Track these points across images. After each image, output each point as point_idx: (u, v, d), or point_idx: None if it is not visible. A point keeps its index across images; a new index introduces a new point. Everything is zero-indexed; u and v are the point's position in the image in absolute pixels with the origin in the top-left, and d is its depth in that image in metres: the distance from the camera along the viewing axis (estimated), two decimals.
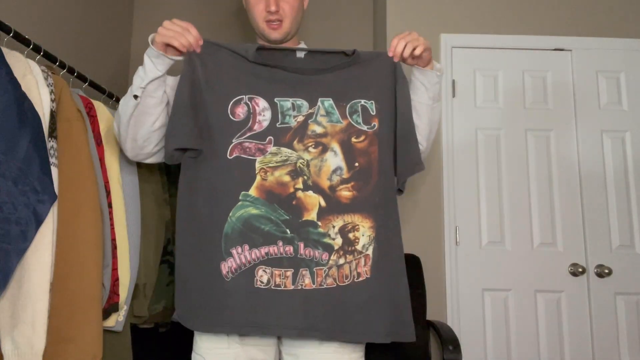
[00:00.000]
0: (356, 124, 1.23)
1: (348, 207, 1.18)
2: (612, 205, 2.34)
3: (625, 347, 2.22)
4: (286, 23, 1.37)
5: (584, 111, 2.42)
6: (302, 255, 1.15)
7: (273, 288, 1.13)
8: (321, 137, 1.21)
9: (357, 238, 1.17)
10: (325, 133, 1.22)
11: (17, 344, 1.13)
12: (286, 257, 1.15)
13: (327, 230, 1.17)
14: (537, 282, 2.29)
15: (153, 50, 1.19)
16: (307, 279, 1.14)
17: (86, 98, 1.53)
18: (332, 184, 1.19)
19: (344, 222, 1.18)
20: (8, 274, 1.08)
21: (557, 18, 2.51)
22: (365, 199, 1.20)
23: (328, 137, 1.22)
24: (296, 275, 1.14)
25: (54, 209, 1.19)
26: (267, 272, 1.14)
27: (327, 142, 1.21)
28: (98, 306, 1.29)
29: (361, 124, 1.23)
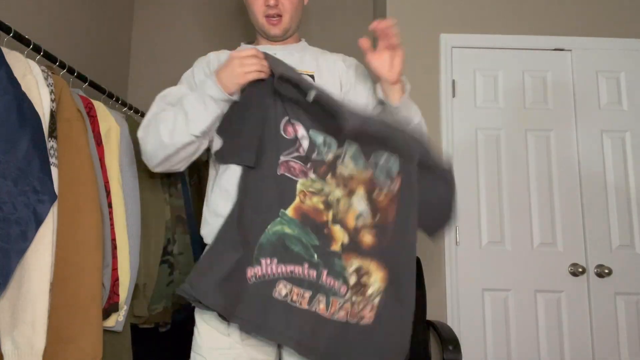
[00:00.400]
0: (377, 178, 1.22)
1: (366, 252, 1.19)
2: (612, 205, 2.34)
3: (625, 347, 2.22)
4: (286, 18, 1.36)
5: (584, 111, 2.42)
6: (323, 282, 1.16)
7: (289, 302, 1.15)
8: (349, 180, 1.21)
9: (367, 284, 1.18)
10: (352, 176, 1.21)
11: (17, 344, 1.13)
12: (308, 280, 1.16)
13: (347, 267, 1.18)
14: (537, 282, 2.29)
15: (223, 94, 1.16)
16: (322, 304, 1.15)
17: (86, 98, 1.53)
18: (357, 225, 1.20)
19: (360, 264, 1.19)
20: (8, 274, 1.08)
21: (557, 18, 2.51)
22: (382, 250, 1.20)
23: (354, 181, 1.21)
24: (313, 298, 1.15)
25: (54, 209, 1.19)
26: (287, 287, 1.15)
27: (354, 186, 1.21)
28: (98, 306, 1.29)
29: (382, 179, 1.22)
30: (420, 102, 1.31)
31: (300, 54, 1.40)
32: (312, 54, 1.42)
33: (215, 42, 2.89)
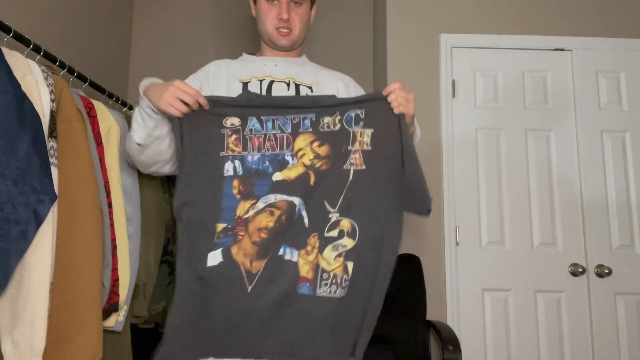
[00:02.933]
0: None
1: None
2: (612, 205, 2.34)
3: (625, 347, 2.22)
4: (295, 32, 1.44)
5: (584, 111, 2.42)
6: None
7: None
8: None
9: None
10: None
11: (17, 344, 1.13)
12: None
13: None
14: (537, 282, 2.29)
15: (146, 104, 1.23)
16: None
17: (86, 98, 1.53)
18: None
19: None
20: (8, 274, 1.08)
21: (557, 18, 2.51)
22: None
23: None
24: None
25: (54, 209, 1.19)
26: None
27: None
28: (98, 306, 1.29)
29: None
30: (420, 102, 1.31)
31: (301, 67, 1.46)
32: (311, 68, 1.49)
33: (216, 42, 2.89)
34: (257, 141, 1.24)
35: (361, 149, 1.24)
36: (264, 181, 1.22)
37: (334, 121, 1.26)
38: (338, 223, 1.21)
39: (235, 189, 1.21)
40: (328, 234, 1.20)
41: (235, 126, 1.26)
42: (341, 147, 1.24)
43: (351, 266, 1.19)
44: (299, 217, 1.20)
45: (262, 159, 1.23)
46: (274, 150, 1.24)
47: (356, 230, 1.21)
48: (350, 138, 1.25)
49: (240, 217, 1.19)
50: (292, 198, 1.21)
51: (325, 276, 1.18)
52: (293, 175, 1.23)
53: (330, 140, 1.25)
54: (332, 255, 1.20)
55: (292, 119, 1.26)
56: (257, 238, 1.18)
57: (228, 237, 1.18)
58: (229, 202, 1.20)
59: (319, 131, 1.25)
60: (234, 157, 1.23)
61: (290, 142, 1.25)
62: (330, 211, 1.21)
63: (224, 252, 1.18)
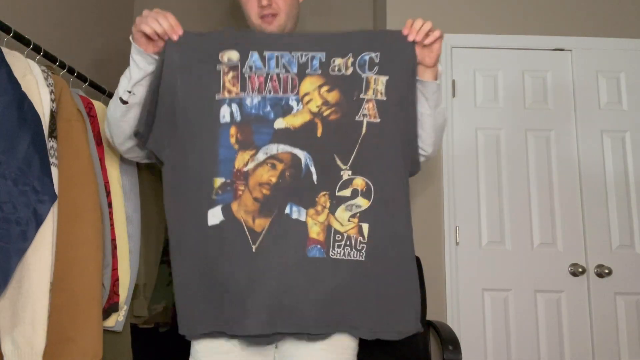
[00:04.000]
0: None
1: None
2: (612, 205, 2.34)
3: (625, 347, 2.22)
4: (281, 16, 1.32)
5: (584, 111, 2.42)
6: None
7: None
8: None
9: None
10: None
11: (17, 344, 1.13)
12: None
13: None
14: (537, 282, 2.29)
15: (134, 47, 1.16)
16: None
17: (86, 98, 1.53)
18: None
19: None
20: (8, 273, 1.08)
21: (557, 18, 2.50)
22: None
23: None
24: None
25: (54, 209, 1.19)
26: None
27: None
28: (98, 306, 1.29)
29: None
30: None
31: None
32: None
33: None
34: (257, 81, 1.11)
35: (375, 98, 1.13)
36: (264, 128, 1.09)
37: (346, 64, 1.13)
38: (351, 181, 1.11)
39: (232, 137, 1.09)
40: (340, 193, 1.10)
41: (233, 62, 1.13)
42: (353, 95, 1.13)
43: (366, 228, 1.09)
44: (306, 173, 1.09)
45: (262, 103, 1.11)
46: (277, 92, 1.11)
47: (371, 189, 1.11)
48: (364, 84, 1.13)
49: (239, 170, 1.08)
50: (296, 150, 1.09)
51: (339, 237, 1.08)
52: (298, 123, 1.10)
53: (341, 86, 1.13)
54: (346, 216, 1.09)
55: (299, 57, 1.13)
56: (258, 194, 1.08)
57: (227, 192, 1.07)
58: (227, 153, 1.09)
59: (329, 74, 1.13)
60: (231, 100, 1.10)
61: (295, 85, 1.12)
62: (341, 168, 1.11)
63: (224, 209, 1.07)
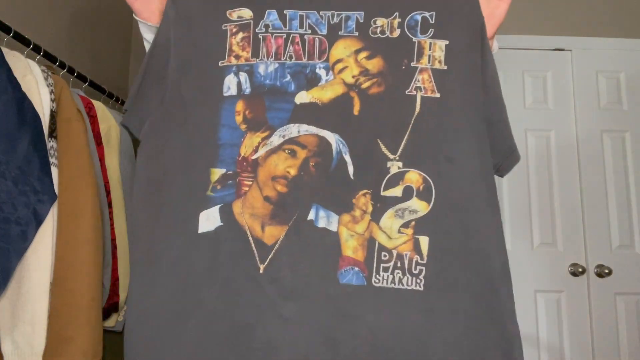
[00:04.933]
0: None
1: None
2: (612, 205, 2.34)
3: (625, 347, 2.22)
4: None
5: (584, 111, 2.42)
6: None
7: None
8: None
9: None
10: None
11: (17, 344, 1.13)
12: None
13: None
14: (537, 282, 2.29)
15: (141, 25, 1.01)
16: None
17: (86, 98, 1.53)
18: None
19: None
20: (8, 274, 1.08)
21: (557, 18, 2.51)
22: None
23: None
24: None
25: (54, 209, 1.19)
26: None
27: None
28: (98, 306, 1.29)
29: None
30: None
31: None
32: None
33: None
34: (274, 43, 0.86)
35: (431, 67, 0.86)
36: (282, 104, 0.84)
37: (391, 25, 0.88)
38: (402, 176, 0.81)
39: (239, 115, 0.84)
40: (387, 193, 0.81)
41: (244, 19, 0.88)
42: (401, 62, 0.87)
43: (426, 243, 0.79)
44: (339, 163, 0.82)
45: (280, 71, 0.85)
46: (300, 58, 0.86)
47: (431, 187, 0.81)
48: (415, 50, 0.87)
49: (245, 158, 0.81)
50: (325, 133, 0.82)
51: (386, 256, 0.78)
52: (327, 97, 0.84)
53: (385, 51, 0.87)
54: (395, 225, 0.80)
55: (330, 16, 0.88)
56: (271, 191, 0.80)
57: (228, 188, 0.80)
58: (230, 135, 0.83)
59: (369, 36, 0.87)
60: (239, 68, 0.86)
61: (325, 48, 0.86)
62: (388, 157, 0.82)
63: (222, 210, 0.80)
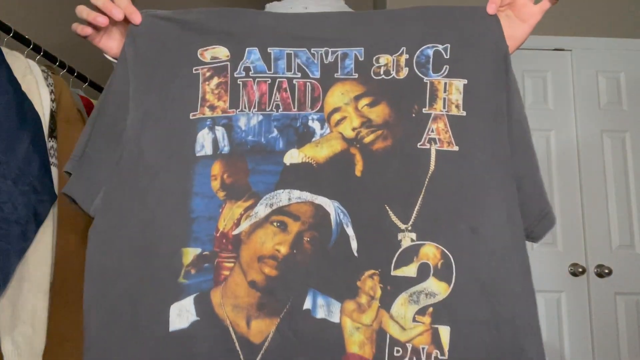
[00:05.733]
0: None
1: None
2: (612, 205, 2.34)
3: (625, 347, 2.22)
4: None
5: (584, 111, 2.42)
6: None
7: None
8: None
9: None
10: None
11: (17, 344, 1.13)
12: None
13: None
14: (537, 282, 2.26)
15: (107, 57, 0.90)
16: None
17: (86, 98, 1.54)
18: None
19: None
20: (8, 274, 1.09)
21: (557, 18, 2.50)
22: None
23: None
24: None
25: (54, 209, 1.19)
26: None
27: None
28: None
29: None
30: None
31: (338, 2, 0.98)
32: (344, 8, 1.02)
33: None
34: (257, 90, 0.72)
35: (447, 114, 0.73)
36: (268, 165, 0.70)
37: (397, 63, 0.74)
38: (416, 251, 0.68)
39: (215, 179, 0.69)
40: (398, 272, 0.68)
41: (220, 61, 0.73)
42: (411, 109, 0.73)
43: (447, 335, 0.66)
44: (339, 238, 0.69)
45: (265, 124, 0.71)
46: (289, 108, 0.72)
47: (452, 265, 0.68)
48: (428, 93, 0.73)
49: (225, 234, 0.68)
50: (321, 200, 0.69)
51: (399, 352, 0.65)
52: (322, 156, 0.70)
53: (390, 96, 0.73)
54: (410, 313, 0.67)
55: (324, 54, 0.74)
56: (257, 276, 0.67)
57: (204, 272, 0.67)
58: (204, 205, 0.69)
59: (371, 78, 0.73)
60: (214, 121, 0.71)
61: (318, 95, 0.73)
62: (399, 228, 0.69)
63: (198, 301, 0.66)
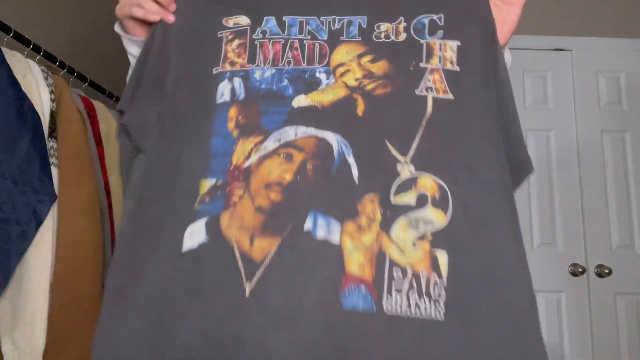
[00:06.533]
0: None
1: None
2: (612, 205, 2.34)
3: (625, 347, 2.22)
4: None
5: (584, 111, 2.42)
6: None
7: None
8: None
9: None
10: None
11: (17, 344, 1.13)
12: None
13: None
14: (537, 282, 2.26)
15: (126, 40, 0.94)
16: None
17: (86, 98, 1.54)
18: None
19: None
20: (8, 274, 1.09)
21: (557, 18, 2.51)
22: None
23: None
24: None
25: (54, 209, 1.19)
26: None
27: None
28: (98, 306, 1.29)
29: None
30: None
31: None
32: None
33: None
34: (272, 49, 0.79)
35: (443, 68, 0.78)
36: (278, 107, 0.74)
37: (396, 29, 0.80)
38: (414, 181, 0.69)
39: (231, 121, 0.74)
40: (398, 199, 0.68)
41: (240, 26, 0.81)
42: (409, 63, 0.77)
43: (445, 260, 0.67)
44: (342, 166, 0.70)
45: (277, 76, 0.77)
46: (299, 63, 0.77)
47: (447, 196, 0.70)
48: (425, 51, 0.79)
49: (237, 167, 0.71)
50: (325, 134, 0.72)
51: (398, 274, 0.64)
52: (327, 100, 0.74)
53: (390, 54, 0.78)
54: (409, 238, 0.66)
55: (331, 22, 0.80)
56: (263, 201, 0.68)
57: (216, 200, 0.69)
58: (222, 143, 0.73)
59: (373, 41, 0.79)
60: (233, 74, 0.78)
61: (325, 53, 0.78)
62: (398, 159, 0.71)
63: (208, 224, 0.68)
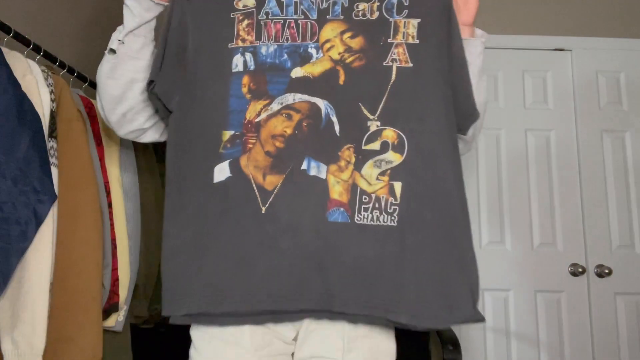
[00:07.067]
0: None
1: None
2: (612, 205, 2.34)
3: (625, 347, 2.22)
4: None
5: (584, 111, 2.42)
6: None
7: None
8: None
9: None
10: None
11: (17, 344, 1.13)
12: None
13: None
14: (537, 282, 2.29)
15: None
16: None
17: (86, 98, 1.53)
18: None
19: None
20: (8, 274, 1.08)
21: (557, 18, 2.51)
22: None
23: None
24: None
25: (54, 209, 1.19)
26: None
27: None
28: (98, 306, 1.30)
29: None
30: None
31: None
32: None
33: None
34: (273, 28, 1.05)
35: (405, 42, 1.03)
36: (280, 78, 1.02)
37: (371, 8, 1.05)
38: (380, 133, 0.98)
39: (244, 87, 1.02)
40: (367, 147, 0.98)
41: (248, 8, 1.06)
42: (379, 39, 1.03)
43: (399, 187, 0.97)
44: (327, 123, 0.99)
45: (279, 51, 1.04)
46: (295, 40, 1.04)
47: (404, 142, 0.99)
48: (392, 29, 1.04)
49: (250, 121, 0.99)
50: (315, 99, 1.00)
51: (366, 199, 0.95)
52: (317, 72, 1.02)
53: (365, 31, 1.04)
54: (374, 174, 0.97)
55: (320, 2, 1.06)
56: (271, 147, 0.97)
57: (236, 146, 0.98)
58: (238, 103, 1.01)
59: (352, 19, 1.04)
60: (244, 49, 1.04)
61: (315, 31, 1.04)
62: (369, 118, 0.99)
63: (231, 164, 0.98)
